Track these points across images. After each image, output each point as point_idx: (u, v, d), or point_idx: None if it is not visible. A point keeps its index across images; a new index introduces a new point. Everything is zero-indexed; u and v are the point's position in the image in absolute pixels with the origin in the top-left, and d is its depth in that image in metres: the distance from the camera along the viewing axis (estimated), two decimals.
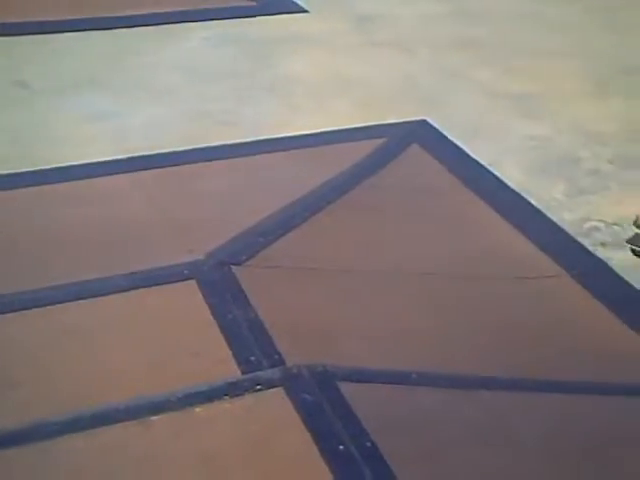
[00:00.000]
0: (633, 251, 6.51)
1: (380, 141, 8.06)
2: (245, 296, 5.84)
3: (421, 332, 5.71)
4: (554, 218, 7.04)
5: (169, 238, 6.45)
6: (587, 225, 6.97)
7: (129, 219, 6.70)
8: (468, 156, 7.87)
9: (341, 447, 4.62)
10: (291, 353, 5.40)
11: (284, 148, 7.88)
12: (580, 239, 6.79)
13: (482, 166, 7.73)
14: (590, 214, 6.99)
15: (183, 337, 5.51)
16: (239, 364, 5.28)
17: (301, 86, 9.10)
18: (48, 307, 5.74)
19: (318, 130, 8.18)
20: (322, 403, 4.87)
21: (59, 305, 5.75)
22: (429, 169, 7.69)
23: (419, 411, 4.98)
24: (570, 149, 8.06)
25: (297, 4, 11.15)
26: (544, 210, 7.09)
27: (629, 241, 6.60)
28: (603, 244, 6.84)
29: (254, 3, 11.16)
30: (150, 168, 7.37)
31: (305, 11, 11.04)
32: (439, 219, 7.00)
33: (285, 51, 9.82)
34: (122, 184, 7.20)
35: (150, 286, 5.92)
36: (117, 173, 7.33)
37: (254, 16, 10.76)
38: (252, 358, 5.33)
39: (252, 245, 6.39)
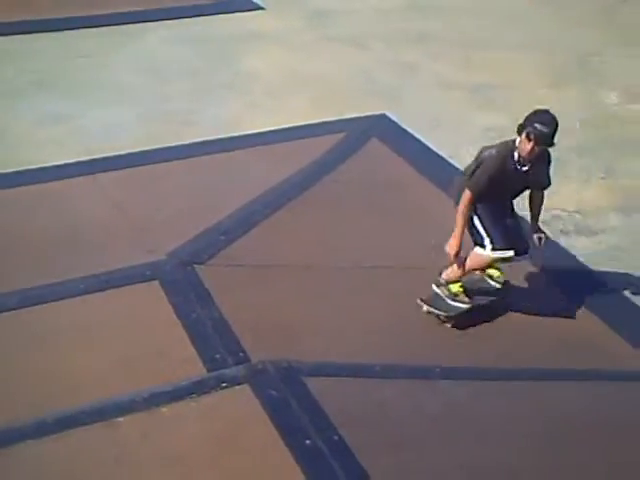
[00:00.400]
0: (429, 312, 5.79)
1: (339, 136, 8.07)
2: (209, 295, 5.84)
3: (383, 325, 5.73)
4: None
5: (130, 239, 6.43)
6: (549, 214, 7.01)
7: (89, 222, 6.67)
8: (428, 149, 7.91)
9: (308, 442, 4.63)
10: (256, 350, 5.41)
11: (244, 146, 7.87)
12: (543, 228, 6.84)
13: (442, 158, 7.76)
14: (552, 203, 7.03)
15: (147, 337, 5.50)
16: (204, 362, 5.29)
17: (260, 84, 9.09)
18: (10, 312, 5.71)
19: (278, 127, 8.18)
20: (288, 398, 4.88)
21: (20, 310, 5.71)
22: (389, 163, 7.70)
23: (384, 404, 5.01)
24: None
25: (253, 2, 11.14)
26: None
27: (425, 301, 5.76)
28: (565, 232, 6.92)
29: (211, 2, 11.15)
30: (109, 170, 7.34)
31: (261, 8, 11.03)
32: (400, 213, 7.02)
33: (243, 49, 9.80)
34: (81, 187, 7.15)
35: (113, 288, 5.91)
36: (76, 176, 7.28)
37: (211, 14, 10.74)
38: (217, 356, 5.33)
39: (214, 244, 6.39)
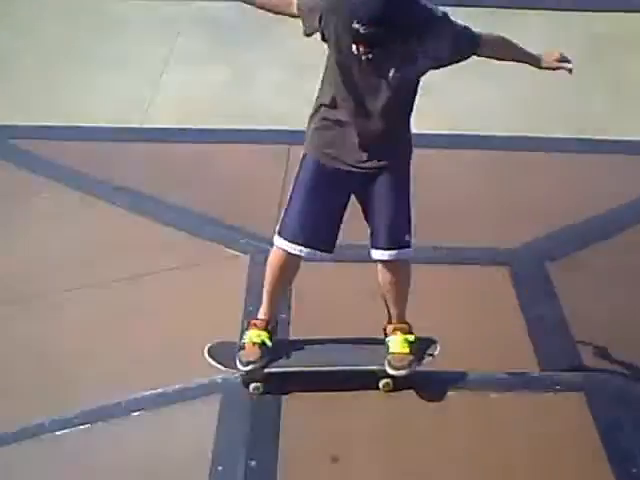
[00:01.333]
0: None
1: None
2: (554, 293, 5.76)
3: None
4: None
5: (494, 222, 6.40)
6: None
7: (462, 197, 6.73)
8: None
9: (634, 470, 4.37)
10: (590, 359, 5.27)
11: (608, 151, 7.54)
12: None
13: None
14: None
15: (486, 320, 5.49)
16: (538, 360, 5.22)
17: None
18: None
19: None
20: (621, 419, 4.67)
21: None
22: None
23: None
24: None
25: None
26: None
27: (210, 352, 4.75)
28: None
29: None
30: (479, 148, 7.38)
31: None
32: None
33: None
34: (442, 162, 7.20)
35: (459, 264, 5.96)
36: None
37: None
38: (553, 357, 5.27)
39: (568, 243, 6.29)
